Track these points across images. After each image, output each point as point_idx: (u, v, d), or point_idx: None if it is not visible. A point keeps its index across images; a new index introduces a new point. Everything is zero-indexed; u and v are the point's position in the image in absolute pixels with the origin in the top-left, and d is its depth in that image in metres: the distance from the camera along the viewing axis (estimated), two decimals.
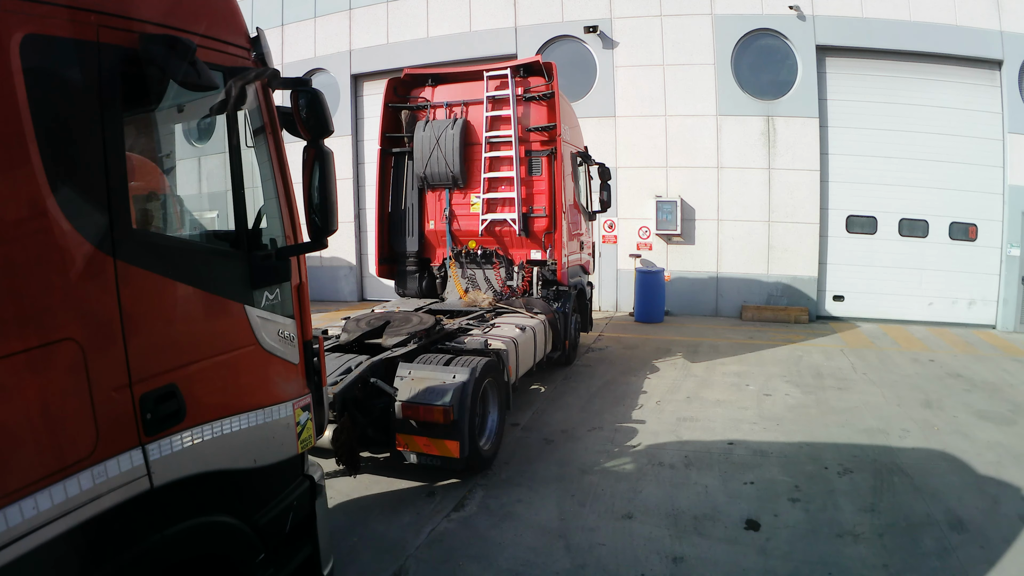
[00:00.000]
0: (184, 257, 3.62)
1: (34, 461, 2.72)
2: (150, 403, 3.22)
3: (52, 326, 2.81)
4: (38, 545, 2.68)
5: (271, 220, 4.16)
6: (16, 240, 2.70)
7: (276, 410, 4.14)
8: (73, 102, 2.99)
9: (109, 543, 3.06)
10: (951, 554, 6.24)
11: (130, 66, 3.18)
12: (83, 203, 2.96)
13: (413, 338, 8.79)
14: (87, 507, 2.91)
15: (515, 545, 6.46)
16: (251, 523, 3.93)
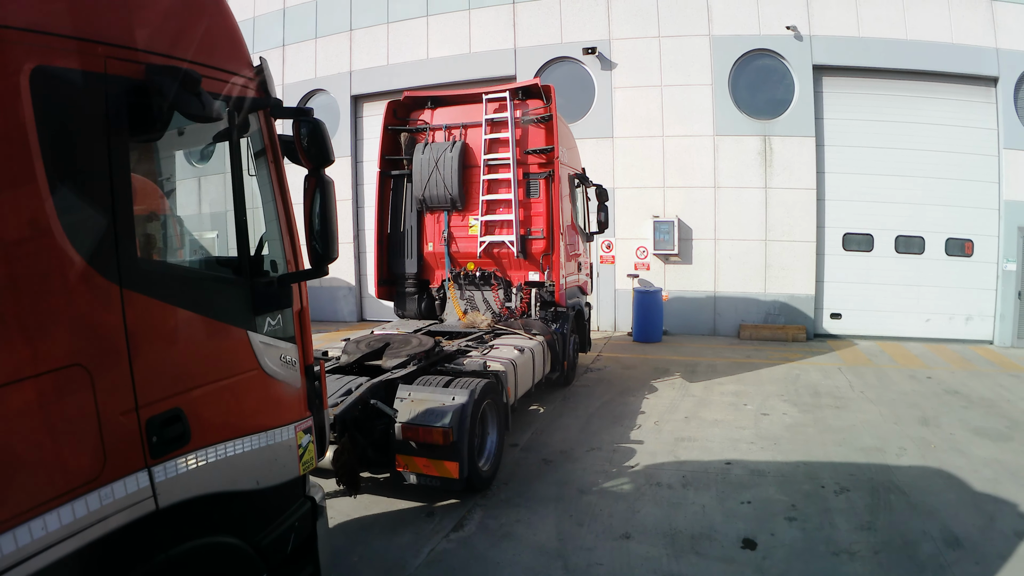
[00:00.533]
0: (187, 284, 3.72)
1: (44, 482, 2.81)
2: (156, 427, 3.30)
3: (60, 353, 2.90)
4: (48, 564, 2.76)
5: (272, 247, 4.25)
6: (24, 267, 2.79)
7: (278, 433, 4.22)
8: (81, 133, 3.09)
9: (116, 563, 3.14)
10: (946, 571, 6.30)
11: (137, 96, 3.27)
12: (90, 231, 3.05)
13: (412, 360, 8.86)
14: (95, 527, 2.99)
15: (513, 565, 6.51)
16: (253, 544, 4.00)
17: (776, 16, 18.91)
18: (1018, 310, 18.42)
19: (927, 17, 18.44)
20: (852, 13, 18.68)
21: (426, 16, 21.58)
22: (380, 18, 21.95)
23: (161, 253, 4.40)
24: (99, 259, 3.06)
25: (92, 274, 3.02)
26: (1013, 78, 18.23)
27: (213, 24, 3.86)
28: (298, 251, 4.41)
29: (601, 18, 20.02)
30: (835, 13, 18.76)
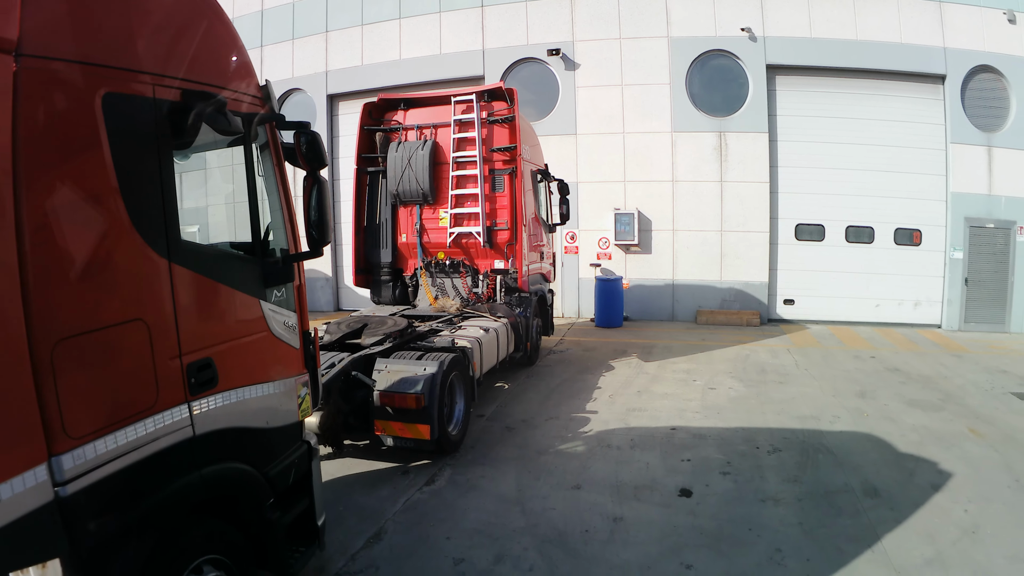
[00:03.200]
0: (216, 261, 4.67)
1: (119, 405, 3.79)
2: (193, 371, 4.27)
3: (128, 309, 3.88)
4: (122, 468, 3.74)
5: (277, 233, 5.21)
6: (103, 245, 3.75)
7: (282, 384, 5.20)
8: (137, 142, 4.01)
9: (166, 474, 4.10)
10: (862, 514, 7.28)
11: (176, 115, 4.22)
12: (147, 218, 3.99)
13: (388, 338, 9.82)
14: (151, 444, 3.96)
15: (478, 510, 7.51)
16: (263, 472, 4.95)
17: (731, 18, 19.82)
18: (964, 296, 19.54)
19: (877, 18, 19.42)
20: (804, 15, 19.60)
21: (399, 18, 22.26)
22: (355, 20, 22.59)
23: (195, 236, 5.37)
24: (154, 240, 4.01)
25: (149, 251, 3.98)
26: (960, 76, 19.27)
27: (233, 57, 4.82)
28: (297, 237, 5.38)
29: (565, 21, 20.82)
30: (788, 15, 19.68)
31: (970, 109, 19.42)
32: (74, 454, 3.46)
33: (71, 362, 3.47)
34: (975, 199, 19.44)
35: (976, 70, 19.35)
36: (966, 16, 19.26)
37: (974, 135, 19.41)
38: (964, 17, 19.28)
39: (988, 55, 19.27)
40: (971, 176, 19.45)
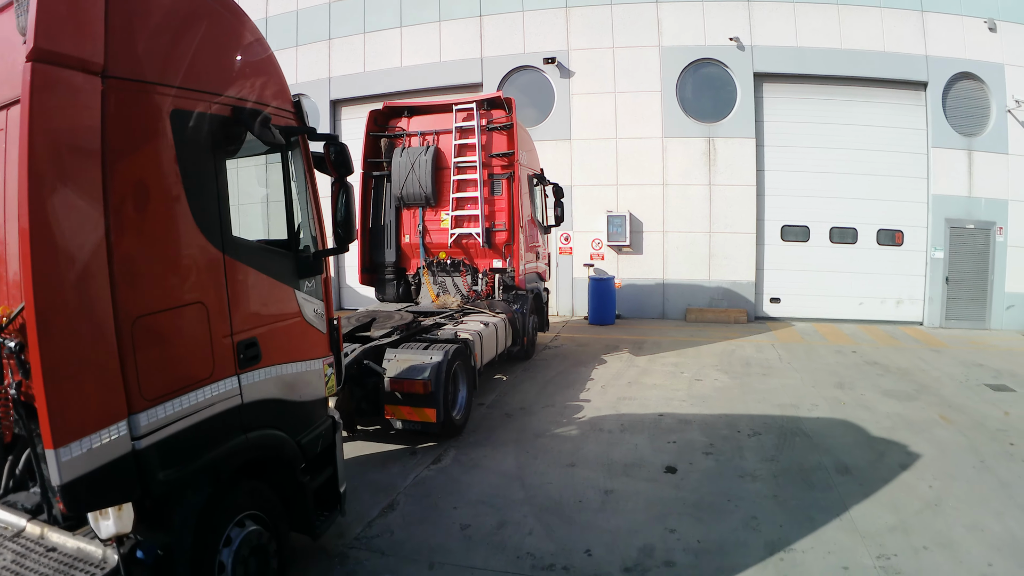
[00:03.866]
0: (260, 255, 5.37)
1: (184, 373, 4.50)
2: (242, 347, 4.98)
3: (191, 293, 4.59)
4: (184, 428, 4.45)
5: (307, 232, 5.91)
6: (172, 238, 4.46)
7: (313, 363, 5.92)
8: (197, 151, 4.70)
9: (220, 435, 4.81)
10: (833, 489, 7.99)
11: (228, 128, 4.93)
12: (207, 216, 4.70)
13: (396, 331, 10.59)
14: (208, 408, 4.67)
15: (481, 484, 8.23)
16: (296, 440, 5.66)
17: (720, 28, 20.56)
18: (945, 294, 20.32)
19: (861, 27, 20.16)
20: (791, 25, 20.35)
21: (400, 27, 22.95)
22: (357, 28, 23.24)
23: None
24: (211, 235, 4.72)
25: (208, 245, 4.68)
26: (941, 83, 20.01)
27: (273, 79, 5.55)
28: (324, 235, 6.10)
29: (560, 30, 21.56)
30: (775, 25, 20.43)
31: (951, 114, 20.11)
32: (148, 413, 4.16)
33: (147, 336, 4.18)
34: (956, 201, 20.15)
35: (957, 77, 20.06)
36: (947, 25, 19.99)
37: (955, 139, 20.10)
38: (945, 26, 20.00)
39: (969, 62, 19.98)
40: (952, 179, 20.14)
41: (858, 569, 6.20)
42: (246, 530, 5.05)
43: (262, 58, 5.45)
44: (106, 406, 3.94)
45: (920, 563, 6.27)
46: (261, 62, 5.45)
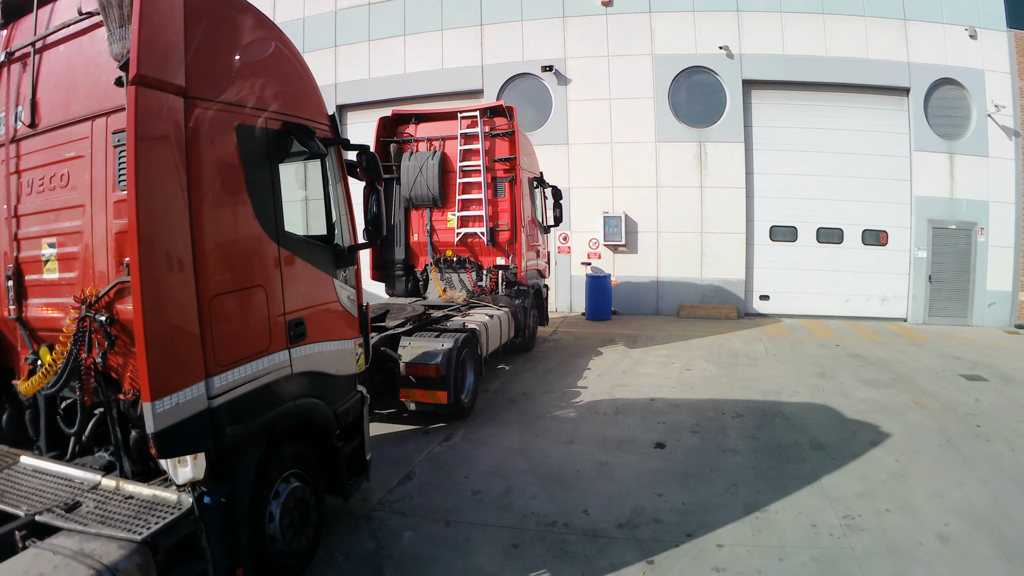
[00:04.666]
0: (306, 247, 6.19)
1: (246, 346, 5.34)
2: (292, 326, 5.82)
3: (254, 278, 5.44)
4: (246, 392, 5.28)
5: (342, 228, 6.75)
6: (238, 233, 5.30)
7: (346, 343, 6.79)
8: (257, 159, 5.55)
9: (275, 399, 5.66)
10: (807, 462, 8.86)
11: (279, 139, 5.78)
12: (266, 213, 5.55)
13: (409, 321, 11.45)
14: (265, 376, 5.52)
15: (489, 458, 9.10)
16: (333, 410, 6.51)
17: (710, 38, 21.39)
18: (928, 291, 21.11)
19: (846, 36, 20.97)
20: (778, 34, 21.17)
21: (403, 35, 23.73)
22: (362, 36, 24.01)
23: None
24: (269, 229, 5.57)
25: (266, 237, 5.54)
26: (923, 88, 20.84)
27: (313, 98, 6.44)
28: (355, 231, 6.96)
29: (558, 39, 22.37)
30: (762, 34, 21.25)
31: (933, 119, 20.91)
32: (220, 377, 5.00)
33: (220, 312, 5.03)
34: (938, 202, 20.94)
35: (939, 83, 20.85)
36: (929, 33, 20.79)
37: (937, 143, 20.90)
38: (928, 33, 20.81)
39: (950, 69, 20.78)
40: (934, 181, 20.93)
41: (825, 526, 7.04)
42: (291, 486, 5.90)
43: (306, 81, 6.36)
44: (189, 369, 4.76)
45: (882, 522, 7.12)
46: (305, 84, 6.35)
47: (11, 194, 5.80)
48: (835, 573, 6.13)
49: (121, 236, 5.00)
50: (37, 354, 5.72)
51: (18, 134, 5.76)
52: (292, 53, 6.18)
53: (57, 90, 5.53)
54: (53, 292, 5.59)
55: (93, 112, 5.18)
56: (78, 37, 5.38)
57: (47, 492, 5.22)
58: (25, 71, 5.73)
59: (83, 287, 5.19)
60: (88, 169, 5.21)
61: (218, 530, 5.06)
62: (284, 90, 6.01)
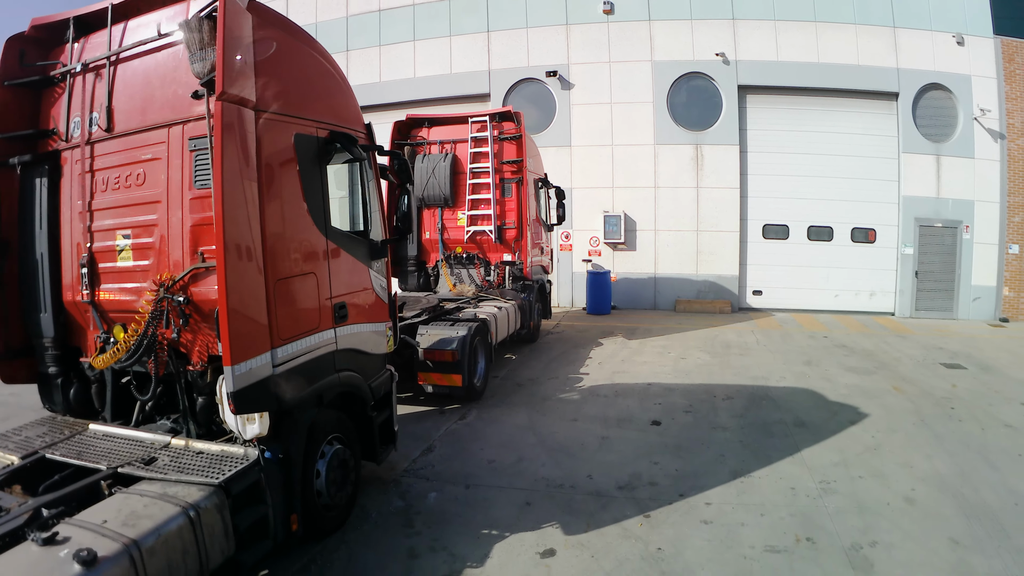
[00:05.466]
0: (347, 240, 7.07)
1: (302, 323, 6.24)
2: (336, 308, 6.72)
3: (307, 266, 6.34)
4: (302, 363, 6.18)
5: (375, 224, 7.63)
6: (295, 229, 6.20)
7: (379, 325, 7.70)
8: (311, 163, 6.45)
9: (323, 369, 6.56)
10: (790, 437, 9.79)
11: (327, 145, 6.68)
12: (317, 210, 6.45)
13: (425, 312, 12.39)
14: (316, 351, 6.42)
15: (501, 433, 10.04)
16: (368, 383, 7.43)
17: (707, 44, 22.33)
18: (915, 287, 22.10)
19: (837, 43, 21.90)
20: (772, 41, 22.12)
21: (413, 40, 24.63)
22: (373, 41, 24.89)
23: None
24: (320, 224, 6.47)
25: (317, 232, 6.44)
26: (912, 93, 21.78)
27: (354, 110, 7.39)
28: (386, 227, 7.88)
29: (561, 46, 23.31)
30: (757, 41, 22.20)
31: (921, 122, 21.85)
32: (281, 349, 5.88)
33: (282, 294, 5.92)
34: (925, 201, 21.89)
35: (927, 87, 21.80)
36: (918, 39, 21.72)
37: (924, 145, 21.84)
38: (916, 40, 21.73)
39: (938, 74, 21.70)
40: (921, 181, 21.87)
41: (803, 489, 7.95)
42: (334, 448, 6.82)
43: (347, 94, 7.30)
44: (259, 341, 5.64)
45: (854, 487, 8.02)
46: (347, 97, 7.30)
47: (86, 191, 6.56)
48: (809, 526, 7.02)
49: (196, 228, 5.85)
50: (109, 333, 6.52)
51: (93, 137, 6.54)
52: (336, 70, 7.09)
53: (133, 99, 6.32)
54: (126, 278, 6.37)
55: (169, 120, 6.02)
56: (154, 53, 6.21)
57: (122, 451, 6.02)
58: (99, 80, 6.53)
59: (159, 273, 6.01)
60: (164, 170, 6.03)
61: (277, 481, 5.92)
62: (331, 103, 6.93)
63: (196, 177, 5.86)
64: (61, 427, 6.74)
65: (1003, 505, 7.52)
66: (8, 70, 6.82)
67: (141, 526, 4.69)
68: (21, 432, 6.64)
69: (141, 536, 4.58)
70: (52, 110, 6.93)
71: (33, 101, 7.01)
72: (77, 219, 6.66)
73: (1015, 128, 21.57)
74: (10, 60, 6.84)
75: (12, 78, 6.85)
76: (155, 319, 5.94)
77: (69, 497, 5.18)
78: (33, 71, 6.94)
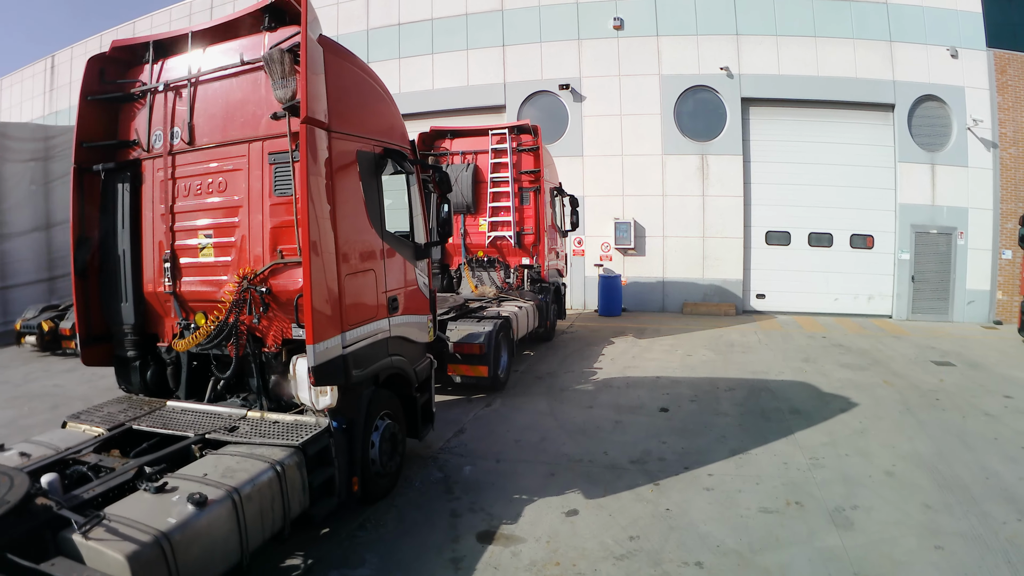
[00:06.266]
0: (398, 242, 8.12)
1: (364, 312, 7.30)
2: (390, 300, 7.79)
3: (367, 264, 7.39)
4: (364, 345, 7.23)
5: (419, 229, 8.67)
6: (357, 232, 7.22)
7: (422, 317, 8.75)
8: (370, 175, 7.49)
9: (380, 351, 7.61)
10: (785, 422, 10.82)
11: (381, 160, 7.74)
12: (375, 217, 7.50)
13: (452, 310, 13.50)
14: (375, 336, 7.48)
15: (524, 418, 11.13)
16: (413, 368, 8.48)
17: (712, 59, 23.37)
18: (911, 291, 23.01)
19: (836, 57, 22.88)
20: (774, 55, 23.14)
21: (431, 54, 25.73)
22: (392, 54, 25.86)
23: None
24: (377, 228, 7.53)
25: (375, 235, 7.50)
26: (907, 105, 22.72)
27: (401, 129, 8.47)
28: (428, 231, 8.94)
29: (573, 60, 24.38)
30: (760, 56, 23.22)
31: (916, 132, 22.77)
32: (349, 333, 6.92)
33: (350, 287, 6.96)
34: (920, 209, 22.79)
35: (922, 99, 22.72)
36: (913, 53, 22.65)
37: (919, 155, 22.75)
38: (912, 54, 22.67)
39: (933, 86, 22.62)
40: (917, 189, 22.77)
41: (794, 464, 8.99)
42: (386, 422, 7.86)
43: (396, 116, 8.41)
44: (332, 325, 6.67)
45: (840, 463, 9.05)
46: (396, 118, 8.41)
47: (168, 195, 7.51)
48: (799, 493, 8.04)
49: (276, 230, 6.86)
50: (188, 320, 7.50)
51: (175, 148, 7.49)
52: (387, 95, 8.19)
53: (214, 116, 7.31)
54: (207, 272, 7.35)
55: (250, 137, 7.02)
56: (232, 77, 7.21)
57: (204, 422, 6.96)
58: (179, 99, 7.49)
59: (240, 267, 7.01)
60: (245, 179, 7.04)
61: (342, 447, 6.94)
62: (384, 123, 8.01)
63: (276, 186, 6.84)
64: (139, 404, 7.62)
65: (975, 479, 8.48)
66: (90, 86, 7.71)
67: (238, 477, 5.63)
68: (103, 409, 7.51)
69: (240, 484, 5.52)
70: (132, 123, 7.81)
71: (111, 114, 7.91)
72: (159, 220, 7.57)
73: (1007, 137, 22.39)
74: (91, 77, 7.73)
75: (94, 93, 7.75)
76: (238, 307, 6.92)
77: (165, 458, 6.09)
78: (112, 88, 7.85)
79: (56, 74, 36.48)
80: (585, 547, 6.76)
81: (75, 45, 35.69)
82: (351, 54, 7.57)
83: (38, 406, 12.22)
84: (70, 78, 35.28)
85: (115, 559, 4.39)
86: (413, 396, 8.58)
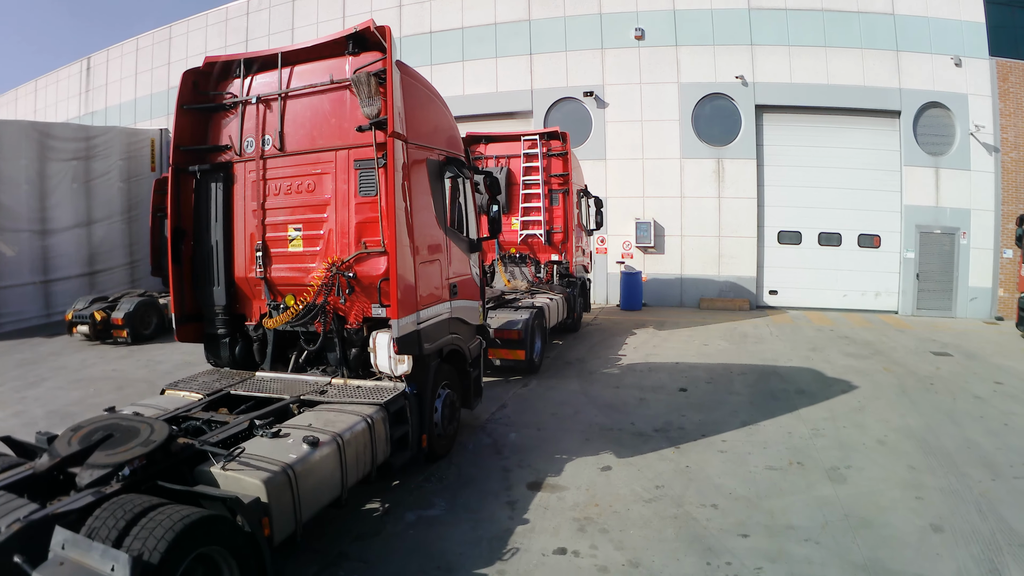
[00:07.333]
0: (457, 237, 9.41)
1: (433, 295, 8.65)
2: (451, 287, 9.13)
3: (434, 255, 8.72)
4: (433, 323, 8.59)
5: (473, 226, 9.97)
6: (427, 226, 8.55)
7: (475, 303, 10.07)
8: (435, 179, 8.80)
9: (441, 331, 8.92)
10: (791, 400, 12.08)
11: (443, 166, 9.04)
12: (440, 214, 8.83)
13: (491, 300, 14.77)
14: (442, 315, 8.85)
15: (559, 396, 12.47)
16: (467, 346, 9.80)
17: (728, 68, 24.53)
18: (916, 288, 24.04)
19: (845, 66, 23.97)
20: (786, 65, 24.26)
21: (462, 61, 26.90)
22: (424, 61, 26.72)
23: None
24: (442, 224, 8.87)
25: (440, 230, 8.83)
26: (913, 111, 23.74)
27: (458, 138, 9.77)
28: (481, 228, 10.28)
29: (597, 69, 25.56)
30: (773, 65, 24.35)
31: (921, 137, 23.79)
32: (422, 312, 8.24)
33: (422, 273, 8.27)
34: (925, 210, 23.82)
35: (927, 105, 23.73)
36: (919, 62, 23.68)
37: (924, 159, 23.77)
38: (917, 63, 23.70)
39: (937, 94, 23.65)
40: (921, 192, 23.80)
41: (797, 434, 10.28)
42: (446, 391, 9.17)
43: (454, 127, 9.72)
44: (411, 304, 7.99)
45: (838, 433, 10.33)
46: (455, 130, 9.72)
47: (259, 194, 8.60)
48: (800, 455, 9.35)
49: (360, 224, 8.02)
50: (277, 301, 8.61)
51: (266, 153, 8.48)
52: (447, 109, 9.49)
53: (303, 127, 8.38)
54: (296, 260, 8.45)
55: (337, 145, 8.18)
56: (320, 94, 8.33)
57: (295, 388, 8.18)
58: (270, 111, 8.60)
59: (328, 256, 8.14)
60: (333, 181, 8.19)
61: (415, 408, 8.23)
62: (446, 135, 9.32)
63: (360, 187, 8.00)
64: (229, 376, 8.75)
65: (957, 448, 9.70)
66: (185, 97, 8.75)
67: (339, 426, 6.84)
68: (197, 379, 8.61)
69: (342, 431, 6.74)
70: (224, 130, 8.79)
71: (203, 122, 8.91)
72: (251, 215, 8.59)
73: (1008, 142, 23.33)
74: (186, 89, 8.75)
75: (188, 103, 8.76)
76: (326, 289, 8.08)
77: (269, 414, 7.22)
78: (205, 99, 8.85)
79: (92, 76, 37.55)
80: (619, 493, 8.09)
81: (110, 48, 36.89)
82: (419, 75, 8.68)
83: (103, 387, 13.34)
84: (106, 79, 36.49)
85: (253, 483, 5.46)
86: (467, 370, 9.83)
